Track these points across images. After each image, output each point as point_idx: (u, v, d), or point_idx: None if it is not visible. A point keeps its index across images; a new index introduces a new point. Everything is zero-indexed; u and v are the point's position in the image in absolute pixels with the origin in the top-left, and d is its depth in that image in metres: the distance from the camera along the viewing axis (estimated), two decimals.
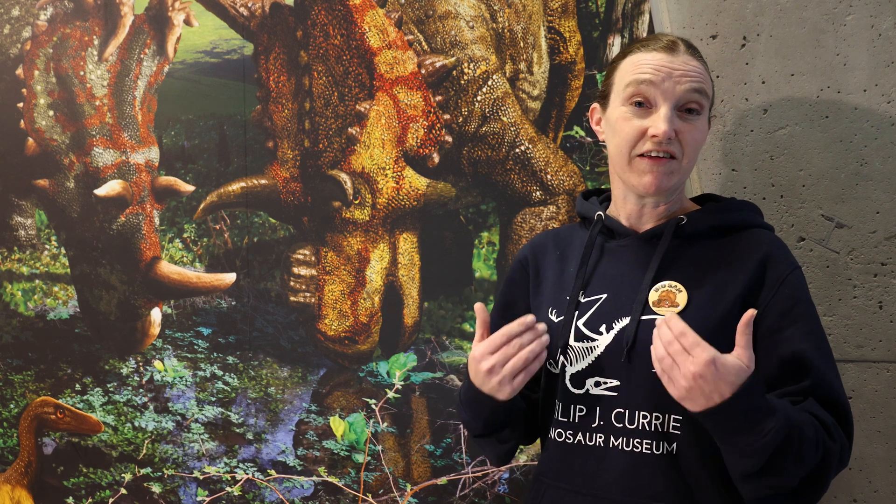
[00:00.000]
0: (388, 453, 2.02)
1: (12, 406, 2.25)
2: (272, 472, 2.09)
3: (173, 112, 2.12)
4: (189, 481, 2.15)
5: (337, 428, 2.05)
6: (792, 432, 1.19)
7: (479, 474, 1.97)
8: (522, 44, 1.91)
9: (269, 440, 2.10)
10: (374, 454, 2.02)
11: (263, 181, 2.06)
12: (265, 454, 2.10)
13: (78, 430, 2.21)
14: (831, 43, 1.66)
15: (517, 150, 1.92)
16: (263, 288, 2.08)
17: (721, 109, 1.72)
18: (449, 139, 1.94)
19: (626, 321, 1.33)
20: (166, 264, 2.13)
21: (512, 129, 1.92)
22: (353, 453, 2.04)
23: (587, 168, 1.90)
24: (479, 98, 1.92)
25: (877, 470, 1.69)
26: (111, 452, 2.19)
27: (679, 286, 1.33)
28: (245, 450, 2.11)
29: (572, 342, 1.37)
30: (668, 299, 1.33)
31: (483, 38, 1.92)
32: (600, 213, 1.43)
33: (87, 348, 2.20)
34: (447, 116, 1.93)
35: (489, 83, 1.92)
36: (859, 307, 1.67)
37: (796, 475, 1.21)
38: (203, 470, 2.14)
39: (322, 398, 2.06)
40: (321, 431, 2.06)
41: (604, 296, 1.37)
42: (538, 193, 1.91)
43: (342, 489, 2.05)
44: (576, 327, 1.37)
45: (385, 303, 2.01)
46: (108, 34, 2.14)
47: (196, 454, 2.14)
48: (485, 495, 1.97)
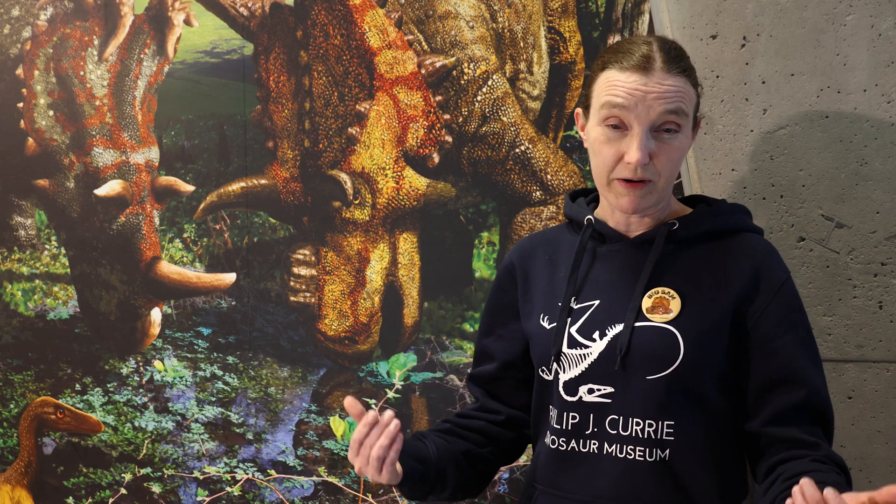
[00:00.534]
0: None
1: (12, 406, 2.25)
2: (272, 472, 2.09)
3: (173, 112, 2.12)
4: (189, 481, 2.15)
5: (337, 428, 2.05)
6: None
7: None
8: (522, 44, 1.91)
9: (269, 440, 2.10)
10: None
11: (263, 181, 2.06)
12: (265, 454, 2.10)
13: (78, 430, 2.21)
14: (831, 43, 1.66)
15: (517, 150, 1.92)
16: (263, 288, 2.08)
17: (721, 109, 1.72)
18: (449, 139, 1.94)
19: (620, 328, 1.33)
20: (166, 264, 2.13)
21: (512, 129, 1.92)
22: None
23: (587, 168, 1.90)
24: (479, 98, 1.92)
25: (877, 470, 1.69)
26: (111, 452, 2.19)
27: (672, 292, 1.33)
28: (245, 450, 2.11)
29: (565, 349, 1.36)
30: (662, 306, 1.33)
31: (483, 38, 1.92)
32: (590, 218, 1.41)
33: (87, 348, 2.20)
34: (447, 116, 1.93)
35: (489, 83, 1.92)
36: (859, 307, 1.67)
37: None
38: (203, 470, 2.14)
39: (322, 398, 2.06)
40: (321, 431, 2.06)
41: (596, 302, 1.36)
42: (538, 193, 1.91)
43: (342, 489, 2.05)
44: (568, 334, 1.36)
45: (385, 303, 2.01)
46: (108, 34, 2.14)
47: (196, 454, 2.14)
48: (485, 495, 1.97)
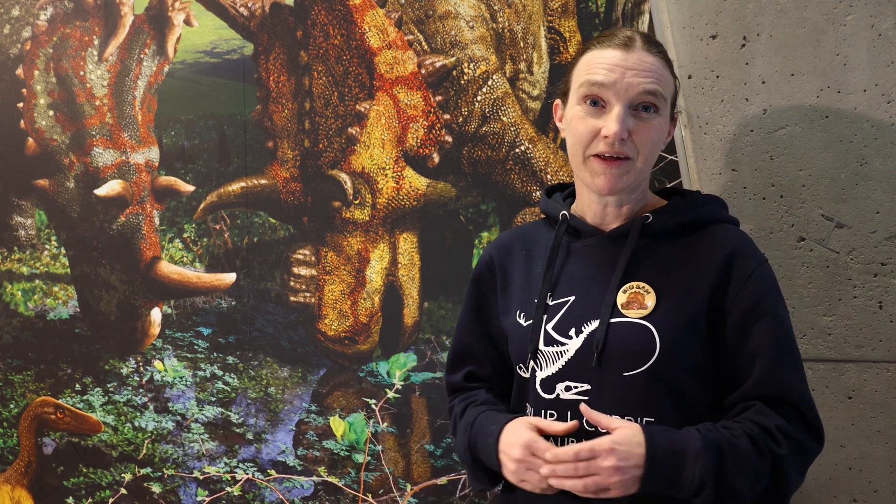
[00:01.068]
0: (388, 453, 2.02)
1: (12, 406, 2.25)
2: (272, 472, 2.09)
3: (173, 112, 2.12)
4: (189, 481, 2.15)
5: (337, 428, 2.05)
6: (724, 453, 1.22)
7: None
8: (522, 44, 1.91)
9: (269, 440, 2.10)
10: (374, 454, 2.02)
11: (263, 181, 2.06)
12: (265, 454, 2.10)
13: (78, 430, 2.21)
14: (831, 43, 1.66)
15: (517, 150, 1.92)
16: (263, 288, 2.08)
17: (721, 109, 1.72)
18: (449, 139, 1.94)
19: (596, 324, 1.32)
20: (166, 264, 2.13)
21: (512, 129, 1.92)
22: (353, 453, 2.04)
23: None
24: (479, 98, 1.92)
25: (877, 470, 1.69)
26: (111, 452, 2.19)
27: (647, 287, 1.32)
28: (245, 450, 2.11)
29: (542, 346, 1.35)
30: (637, 301, 1.32)
31: (483, 38, 1.92)
32: (565, 213, 1.41)
33: (87, 348, 2.20)
34: (447, 116, 1.93)
35: (489, 83, 1.92)
36: (859, 307, 1.67)
37: (752, 490, 1.24)
38: (203, 470, 2.14)
39: (322, 398, 2.06)
40: (321, 431, 2.06)
41: (572, 298, 1.36)
42: (538, 193, 1.91)
43: (342, 489, 2.05)
44: (545, 331, 1.36)
45: (385, 303, 2.01)
46: (108, 34, 2.14)
47: (196, 454, 2.14)
48: (485, 495, 1.97)
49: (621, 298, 1.32)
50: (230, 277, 2.10)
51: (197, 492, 2.14)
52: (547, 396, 1.35)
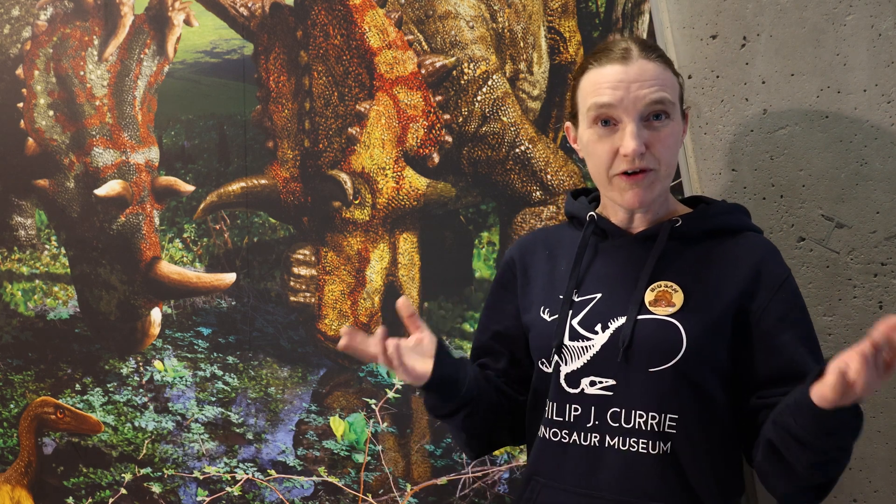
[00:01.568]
0: (388, 453, 2.02)
1: (12, 406, 2.25)
2: (272, 472, 2.09)
3: (173, 112, 2.12)
4: (189, 481, 2.15)
5: (337, 428, 2.05)
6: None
7: (480, 474, 1.97)
8: (522, 44, 1.91)
9: (269, 440, 2.10)
10: (374, 454, 2.02)
11: (263, 181, 2.06)
12: (265, 454, 2.10)
13: (78, 430, 2.21)
14: (831, 43, 1.66)
15: (517, 150, 1.92)
16: (263, 288, 2.08)
17: (721, 109, 1.72)
18: (449, 139, 1.94)
19: (622, 320, 1.33)
20: (166, 264, 2.13)
21: (512, 129, 1.92)
22: (353, 453, 2.04)
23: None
24: (479, 98, 1.92)
25: (877, 470, 1.69)
26: (111, 452, 2.19)
27: (675, 286, 1.33)
28: (245, 450, 2.11)
29: (567, 341, 1.37)
30: (665, 299, 1.33)
31: (483, 38, 1.92)
32: (593, 214, 1.42)
33: (87, 348, 2.20)
34: (447, 116, 1.93)
35: (489, 83, 1.92)
36: (859, 307, 1.67)
37: (841, 469, 1.25)
38: (203, 470, 2.14)
39: (322, 398, 2.06)
40: (321, 431, 2.06)
41: (598, 295, 1.37)
42: (538, 193, 1.91)
43: (342, 489, 2.05)
44: (570, 326, 1.37)
45: (385, 303, 2.01)
46: (108, 34, 2.14)
47: (196, 454, 2.14)
48: (485, 495, 1.97)
49: (649, 296, 1.34)
50: (230, 277, 2.10)
51: (197, 492, 2.14)
52: (572, 391, 1.36)
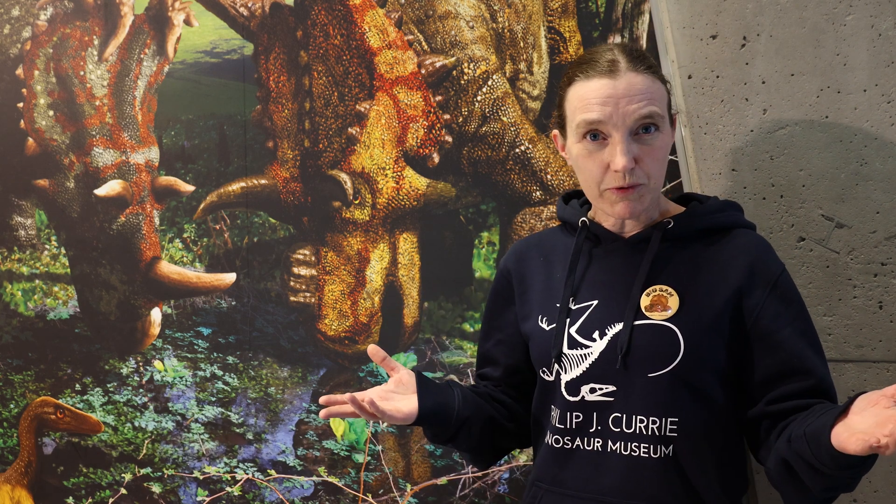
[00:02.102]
0: (388, 453, 2.02)
1: (12, 406, 2.25)
2: (272, 472, 2.09)
3: (173, 112, 2.12)
4: (189, 481, 2.15)
5: (337, 428, 2.05)
6: None
7: (479, 474, 1.97)
8: (522, 44, 1.91)
9: (269, 440, 2.10)
10: (374, 454, 2.02)
11: (263, 181, 2.06)
12: (265, 454, 2.10)
13: (78, 430, 2.21)
14: (831, 43, 1.66)
15: (517, 150, 1.92)
16: (263, 288, 2.08)
17: (721, 109, 1.72)
18: (449, 139, 1.94)
19: (619, 327, 1.33)
20: (166, 264, 2.13)
21: (512, 129, 1.92)
22: (353, 453, 2.04)
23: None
24: (479, 98, 1.92)
25: (877, 470, 1.69)
26: (111, 452, 2.19)
27: (670, 290, 1.33)
28: (245, 450, 2.11)
29: (566, 350, 1.37)
30: (661, 303, 1.33)
31: (483, 38, 1.92)
32: (584, 220, 1.42)
33: (87, 348, 2.20)
34: (447, 116, 1.93)
35: (489, 83, 1.92)
36: (859, 307, 1.67)
37: (854, 486, 1.25)
38: (203, 470, 2.14)
39: None
40: (321, 431, 2.06)
41: (594, 302, 1.37)
42: (538, 193, 1.91)
43: (342, 489, 2.05)
44: (568, 334, 1.37)
45: (385, 303, 2.01)
46: (108, 34, 2.14)
47: (196, 454, 2.14)
48: (485, 495, 1.97)
49: (644, 301, 1.34)
50: (230, 277, 2.10)
51: (197, 492, 2.14)
52: (572, 399, 1.36)
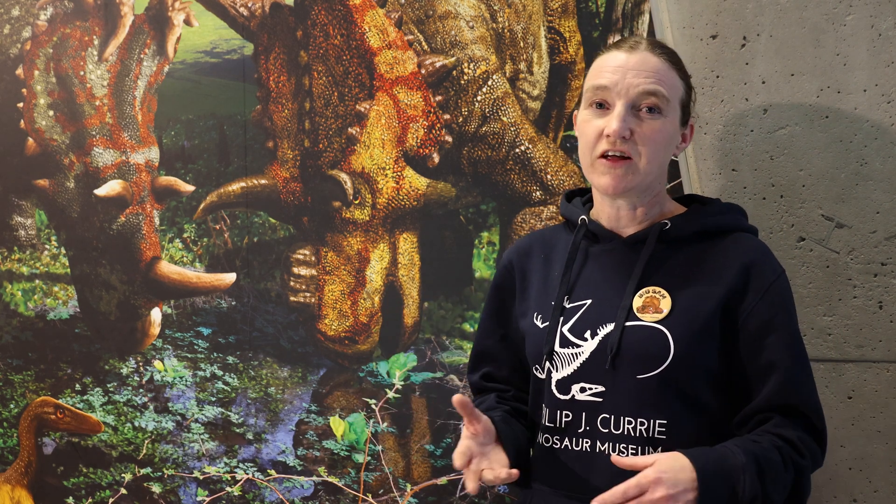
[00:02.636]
0: (388, 453, 2.02)
1: (12, 406, 2.25)
2: (272, 472, 2.10)
3: (173, 112, 2.12)
4: (189, 481, 2.15)
5: (337, 428, 2.05)
6: (762, 467, 1.23)
7: None
8: (522, 44, 1.91)
9: (269, 440, 2.10)
10: (374, 454, 2.02)
11: (263, 181, 2.06)
12: (265, 454, 2.10)
13: (78, 430, 2.21)
14: (831, 43, 1.66)
15: (517, 150, 1.92)
16: (263, 288, 2.08)
17: (721, 109, 1.72)
18: (449, 139, 1.94)
19: (611, 327, 1.33)
20: (166, 264, 2.13)
21: (512, 129, 1.92)
22: (353, 453, 2.04)
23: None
24: (479, 98, 1.92)
25: (877, 470, 1.69)
26: (111, 452, 2.19)
27: (663, 291, 1.33)
28: (245, 450, 2.11)
29: (558, 348, 1.37)
30: (653, 305, 1.33)
31: (483, 38, 1.92)
32: (584, 218, 1.42)
33: (87, 348, 2.20)
34: (447, 116, 1.93)
35: (489, 83, 1.92)
36: (859, 307, 1.67)
37: (781, 496, 1.26)
38: (203, 470, 2.14)
39: (322, 398, 2.06)
40: (321, 431, 2.06)
41: (588, 301, 1.37)
42: (538, 193, 1.91)
43: (342, 489, 2.05)
44: (561, 333, 1.37)
45: (385, 303, 2.01)
46: (108, 34, 2.14)
47: (196, 454, 2.14)
48: (485, 495, 1.97)
49: (637, 302, 1.34)
50: (230, 277, 2.10)
51: (197, 492, 2.14)
52: (562, 397, 1.36)
